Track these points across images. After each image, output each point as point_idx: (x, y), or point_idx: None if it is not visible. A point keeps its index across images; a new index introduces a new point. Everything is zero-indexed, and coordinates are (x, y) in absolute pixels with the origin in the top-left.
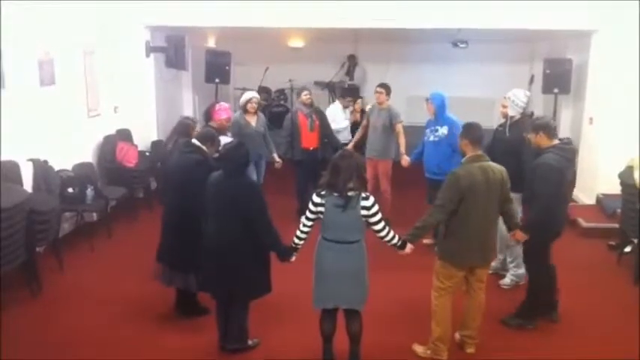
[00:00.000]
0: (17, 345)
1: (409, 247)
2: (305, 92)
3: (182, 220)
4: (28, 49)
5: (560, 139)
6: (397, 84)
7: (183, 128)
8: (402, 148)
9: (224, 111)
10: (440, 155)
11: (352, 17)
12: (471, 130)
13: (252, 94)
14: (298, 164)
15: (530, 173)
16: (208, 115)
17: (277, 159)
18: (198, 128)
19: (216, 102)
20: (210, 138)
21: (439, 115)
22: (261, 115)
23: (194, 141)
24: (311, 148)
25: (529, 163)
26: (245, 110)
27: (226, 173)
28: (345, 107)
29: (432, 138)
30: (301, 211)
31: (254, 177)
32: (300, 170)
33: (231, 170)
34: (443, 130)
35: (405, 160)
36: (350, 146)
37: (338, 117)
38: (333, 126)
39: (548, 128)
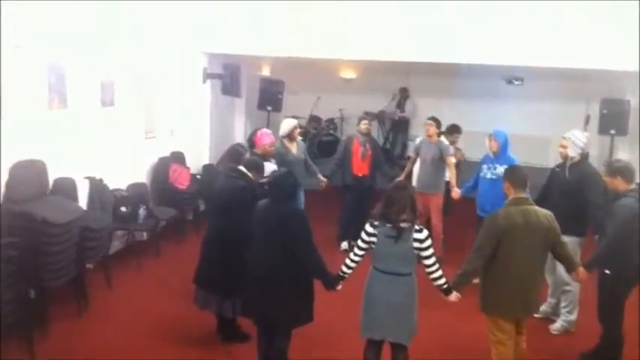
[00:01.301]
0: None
1: (454, 295)
2: (364, 121)
3: (222, 243)
4: (91, 71)
5: (637, 184)
6: (449, 119)
7: (234, 154)
8: (453, 181)
9: (266, 136)
10: (496, 194)
11: (405, 50)
12: (514, 173)
13: (295, 121)
14: (346, 189)
15: (600, 213)
16: (251, 142)
17: (322, 178)
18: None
19: (258, 128)
20: (255, 166)
21: (501, 153)
22: (300, 141)
23: (241, 167)
24: (360, 175)
25: (596, 204)
26: (290, 137)
27: (273, 200)
28: (451, 143)
29: (488, 175)
30: (342, 236)
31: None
32: (347, 195)
33: (278, 198)
34: (501, 169)
35: (456, 193)
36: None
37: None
38: None
39: (626, 172)
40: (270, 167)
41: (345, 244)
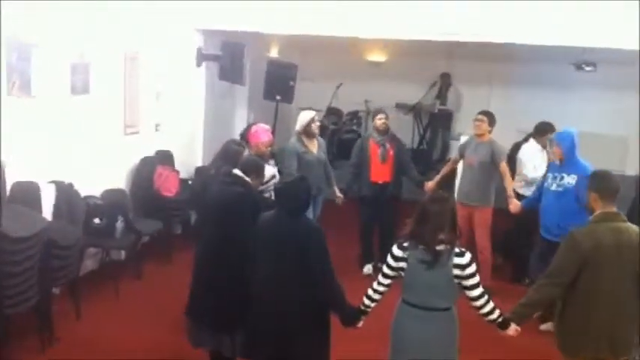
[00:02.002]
0: None
1: (513, 327)
2: (380, 115)
3: (217, 266)
4: (60, 51)
5: None
6: (502, 112)
7: (230, 154)
8: (510, 191)
9: (263, 133)
10: (562, 211)
11: (447, 28)
12: (602, 180)
13: (313, 113)
14: (363, 200)
15: None
16: (244, 139)
17: (338, 193)
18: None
19: (254, 123)
20: (254, 168)
21: (568, 159)
22: (320, 139)
23: (236, 171)
24: (380, 182)
25: None
26: (307, 134)
27: (283, 213)
28: (544, 147)
29: (553, 187)
30: (364, 257)
31: (309, 215)
32: (365, 208)
33: (289, 209)
34: (569, 180)
35: (515, 205)
36: (430, 185)
37: (537, 161)
38: (532, 174)
39: None
40: (267, 171)
41: (369, 268)
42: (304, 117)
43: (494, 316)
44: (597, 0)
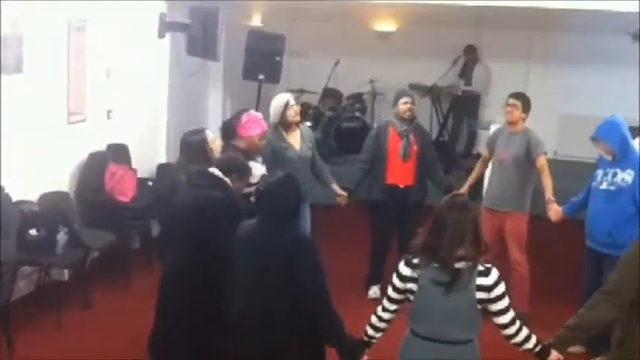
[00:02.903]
0: None
1: (554, 356)
2: (405, 99)
3: (188, 289)
4: None
5: None
6: (541, 94)
7: (193, 148)
8: (549, 192)
9: (256, 123)
10: (615, 214)
11: None
12: None
13: (287, 96)
14: (376, 207)
15: None
16: (231, 129)
17: (339, 191)
18: (218, 146)
19: (243, 110)
20: (237, 167)
21: (621, 154)
22: (305, 129)
23: (213, 170)
24: (401, 186)
25: None
26: (284, 124)
27: (264, 221)
28: None
29: (604, 185)
30: (372, 280)
31: None
32: (378, 217)
33: (274, 217)
34: (624, 176)
35: (556, 212)
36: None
37: None
38: None
39: None
40: (257, 170)
41: (375, 291)
42: (276, 103)
43: (530, 345)
44: None
